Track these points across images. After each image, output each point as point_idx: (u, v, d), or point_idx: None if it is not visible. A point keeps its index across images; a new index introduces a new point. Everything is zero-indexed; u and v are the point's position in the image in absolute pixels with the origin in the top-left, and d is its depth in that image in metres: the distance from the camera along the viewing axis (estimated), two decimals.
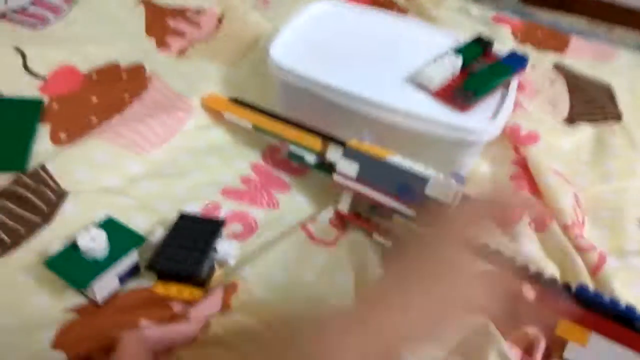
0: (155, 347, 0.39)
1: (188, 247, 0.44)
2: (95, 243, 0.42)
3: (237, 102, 0.61)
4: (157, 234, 0.46)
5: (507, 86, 0.59)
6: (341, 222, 0.54)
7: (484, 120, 0.55)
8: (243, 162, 0.59)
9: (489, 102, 0.57)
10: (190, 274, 0.43)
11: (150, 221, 0.49)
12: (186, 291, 0.44)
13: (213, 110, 0.63)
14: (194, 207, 0.51)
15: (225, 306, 0.43)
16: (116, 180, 0.53)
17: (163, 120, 0.59)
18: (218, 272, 0.46)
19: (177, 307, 0.44)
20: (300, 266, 0.48)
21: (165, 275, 0.44)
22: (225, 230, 0.49)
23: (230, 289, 0.44)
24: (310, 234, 0.50)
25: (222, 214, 0.52)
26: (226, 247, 0.47)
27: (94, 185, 0.52)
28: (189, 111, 0.62)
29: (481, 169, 0.62)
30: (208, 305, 0.43)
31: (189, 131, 0.60)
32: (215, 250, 0.46)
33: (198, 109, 0.63)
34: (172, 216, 0.48)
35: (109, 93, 0.64)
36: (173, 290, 0.44)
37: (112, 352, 0.37)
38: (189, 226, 0.47)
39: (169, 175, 0.55)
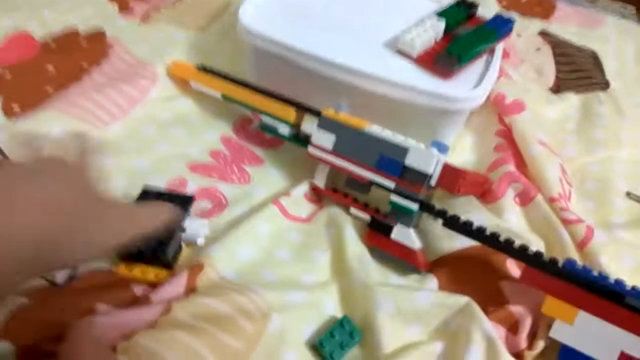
0: (111, 334, 0.36)
1: None
2: None
3: (206, 69, 0.57)
4: None
5: (491, 53, 0.56)
6: (317, 196, 0.50)
7: (467, 87, 0.52)
8: (212, 134, 0.55)
9: (473, 69, 0.54)
10: (155, 254, 0.40)
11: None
12: (151, 272, 0.41)
13: (179, 79, 0.58)
14: (159, 183, 0.47)
15: (190, 288, 0.40)
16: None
17: (125, 90, 0.55)
18: (185, 252, 0.43)
19: (138, 290, 0.40)
20: (273, 244, 0.45)
21: (128, 255, 0.41)
22: (194, 208, 0.45)
23: (196, 269, 0.41)
24: (283, 210, 0.47)
25: (189, 189, 0.49)
26: (195, 226, 0.44)
27: None
28: (153, 80, 0.57)
29: (464, 141, 0.59)
30: (171, 287, 0.39)
31: (153, 101, 0.56)
32: (182, 229, 0.43)
33: (163, 78, 0.58)
34: (135, 192, 0.44)
35: (67, 61, 0.60)
36: (136, 271, 0.41)
37: (62, 342, 0.34)
38: (154, 200, 0.43)
39: (131, 149, 0.51)
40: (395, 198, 0.44)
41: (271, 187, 0.51)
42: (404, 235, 0.45)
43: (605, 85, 0.69)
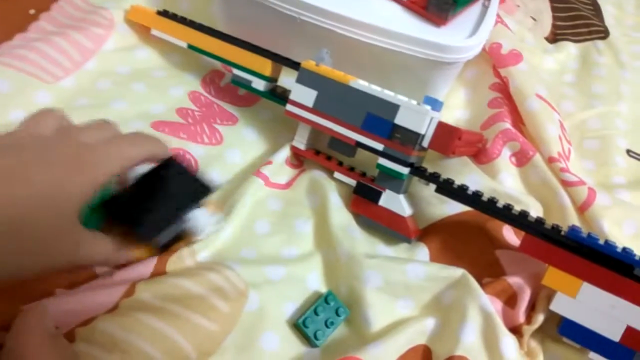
0: (67, 319, 0.32)
1: (157, 203, 0.35)
2: None
3: (169, 15, 0.50)
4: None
5: None
6: (298, 160, 0.46)
7: (463, 36, 0.46)
8: (177, 90, 0.49)
9: (468, 16, 0.49)
10: (143, 237, 0.34)
11: None
12: (137, 251, 0.36)
13: (139, 26, 0.52)
14: None
15: (158, 272, 0.35)
16: (22, 115, 0.43)
17: (77, 39, 0.48)
18: (181, 244, 0.37)
19: (100, 270, 0.36)
20: (251, 215, 0.41)
21: (119, 223, 0.34)
22: None
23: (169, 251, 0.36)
24: (267, 180, 0.43)
25: None
26: (200, 219, 0.37)
27: None
28: (109, 28, 0.50)
29: (456, 96, 0.54)
30: (137, 268, 0.35)
31: (109, 52, 0.50)
32: (186, 219, 0.36)
33: (121, 25, 0.51)
34: None
35: (10, 8, 0.52)
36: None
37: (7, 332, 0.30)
38: (173, 177, 0.36)
39: (85, 107, 0.45)
40: (384, 161, 0.40)
41: (245, 148, 0.46)
42: (393, 201, 0.41)
43: (604, 33, 0.64)
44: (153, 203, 0.34)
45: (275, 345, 0.34)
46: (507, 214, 0.38)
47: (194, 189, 0.36)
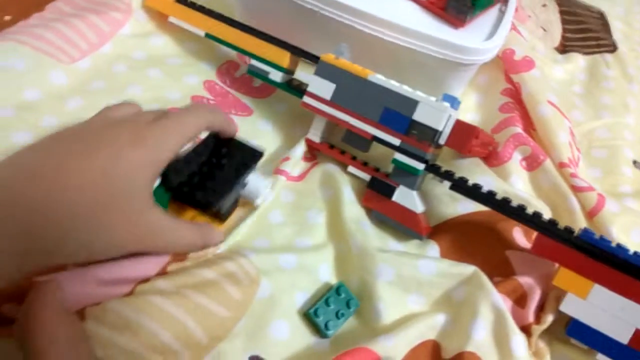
0: (80, 296, 0.31)
1: (213, 170, 0.35)
2: None
3: (187, 3, 0.50)
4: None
5: (505, 2, 0.51)
6: (312, 154, 0.46)
7: (480, 39, 0.47)
8: (193, 78, 0.49)
9: (485, 20, 0.49)
10: (207, 203, 0.35)
11: None
12: (201, 220, 0.36)
13: (156, 13, 0.52)
14: None
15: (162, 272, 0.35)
16: (37, 94, 0.43)
17: (94, 22, 0.48)
18: (240, 210, 0.38)
19: None
20: (266, 207, 0.41)
21: (180, 196, 0.35)
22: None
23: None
24: (287, 175, 0.43)
25: None
26: (257, 184, 0.38)
27: (11, 99, 0.41)
28: (127, 13, 0.50)
29: (468, 99, 0.55)
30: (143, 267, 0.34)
31: (126, 37, 0.49)
32: (244, 183, 0.37)
33: (138, 11, 0.51)
34: None
35: None
36: (187, 216, 0.36)
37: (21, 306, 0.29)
38: (220, 146, 0.37)
39: (100, 90, 0.45)
40: (400, 156, 0.40)
41: (260, 140, 0.45)
42: (406, 197, 0.41)
43: (612, 47, 0.65)
44: (209, 171, 0.35)
45: (285, 333, 0.34)
46: (521, 214, 0.38)
47: (246, 155, 0.37)
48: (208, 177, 0.35)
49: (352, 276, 0.38)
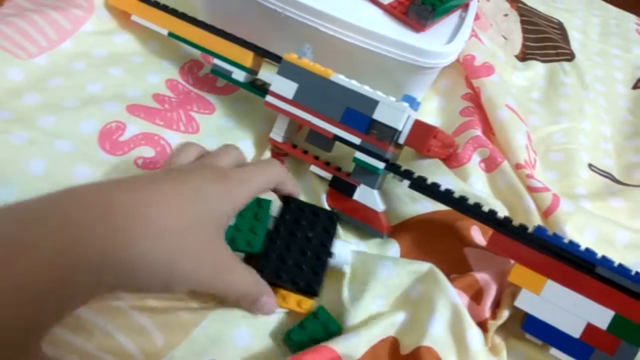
0: None
1: (302, 248, 0.35)
2: None
3: (150, 2, 0.50)
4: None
5: (465, 9, 0.53)
6: (275, 152, 0.46)
7: (440, 42, 0.48)
8: (155, 76, 0.48)
9: (445, 25, 0.51)
10: (313, 292, 0.34)
11: (30, 136, 0.39)
12: (292, 299, 0.35)
13: (119, 11, 0.51)
14: (91, 126, 0.41)
15: None
16: None
17: (54, 18, 0.47)
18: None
19: None
20: None
21: (272, 276, 0.34)
22: (135, 154, 0.39)
23: None
24: None
25: (127, 134, 0.42)
26: (342, 250, 0.37)
27: None
28: (88, 10, 0.50)
29: (429, 104, 0.56)
30: None
31: (87, 35, 0.49)
32: (331, 254, 0.36)
33: (100, 9, 0.51)
34: (61, 132, 0.38)
35: None
36: (292, 302, 0.35)
37: None
38: (297, 216, 0.36)
39: (59, 87, 0.44)
40: (360, 155, 0.41)
41: (222, 138, 0.46)
42: (367, 196, 0.41)
43: (570, 56, 0.68)
44: (301, 250, 0.35)
45: (246, 340, 0.34)
46: (477, 212, 0.39)
47: (323, 220, 0.37)
48: (298, 255, 0.35)
49: None
